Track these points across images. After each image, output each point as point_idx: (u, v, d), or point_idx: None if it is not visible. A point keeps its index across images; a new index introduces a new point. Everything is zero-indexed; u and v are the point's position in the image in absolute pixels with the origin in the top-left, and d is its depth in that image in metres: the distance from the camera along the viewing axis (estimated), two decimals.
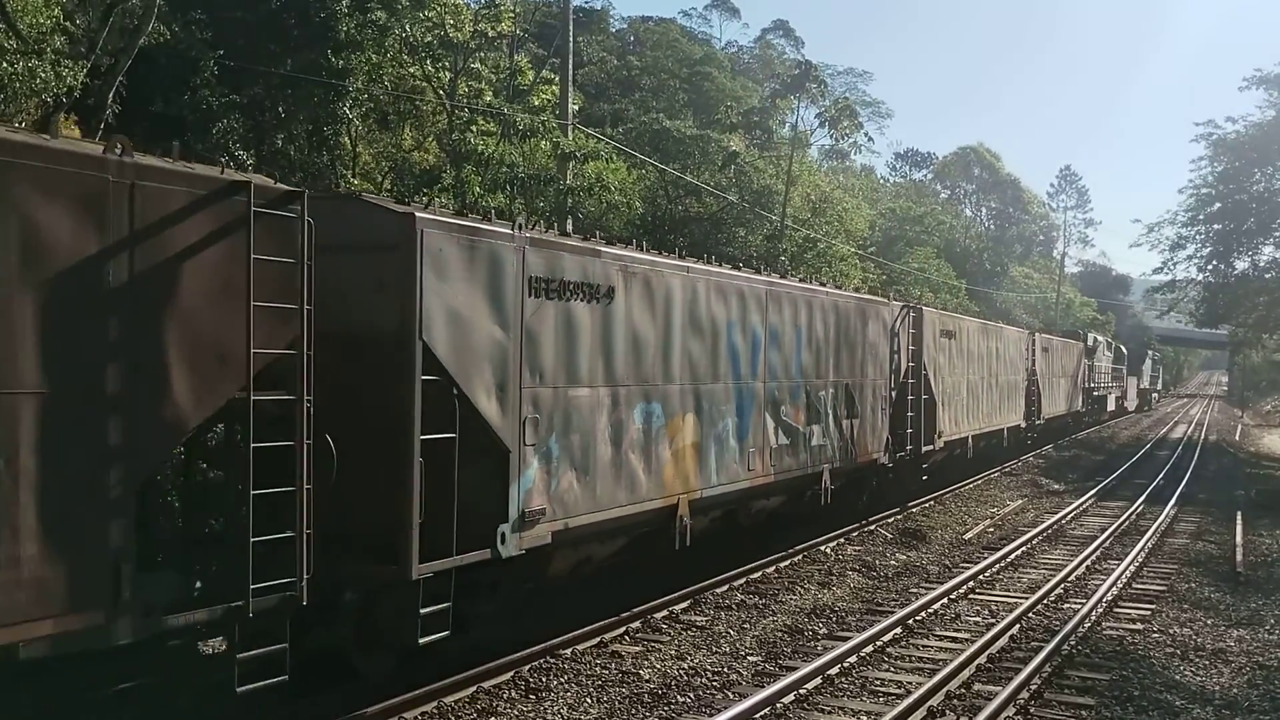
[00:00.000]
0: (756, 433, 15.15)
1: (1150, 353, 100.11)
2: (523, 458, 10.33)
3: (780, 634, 12.46)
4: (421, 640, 9.27)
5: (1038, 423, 36.86)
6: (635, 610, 12.73)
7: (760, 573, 15.60)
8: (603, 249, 11.86)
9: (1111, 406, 62.23)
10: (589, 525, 11.45)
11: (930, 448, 22.93)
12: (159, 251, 7.00)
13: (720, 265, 15.43)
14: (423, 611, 9.20)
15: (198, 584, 7.61)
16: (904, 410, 21.34)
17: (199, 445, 8.48)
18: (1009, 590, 15.29)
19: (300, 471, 7.83)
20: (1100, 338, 59.00)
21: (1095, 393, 53.67)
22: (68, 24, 17.79)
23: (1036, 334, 38.89)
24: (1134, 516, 22.81)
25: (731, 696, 10.10)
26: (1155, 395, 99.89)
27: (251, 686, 7.66)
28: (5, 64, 15.56)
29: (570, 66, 25.39)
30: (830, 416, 17.73)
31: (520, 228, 10.53)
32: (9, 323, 6.25)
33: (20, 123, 14.77)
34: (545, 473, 10.69)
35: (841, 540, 18.68)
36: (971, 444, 27.48)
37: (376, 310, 9.07)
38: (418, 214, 9.28)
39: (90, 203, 6.59)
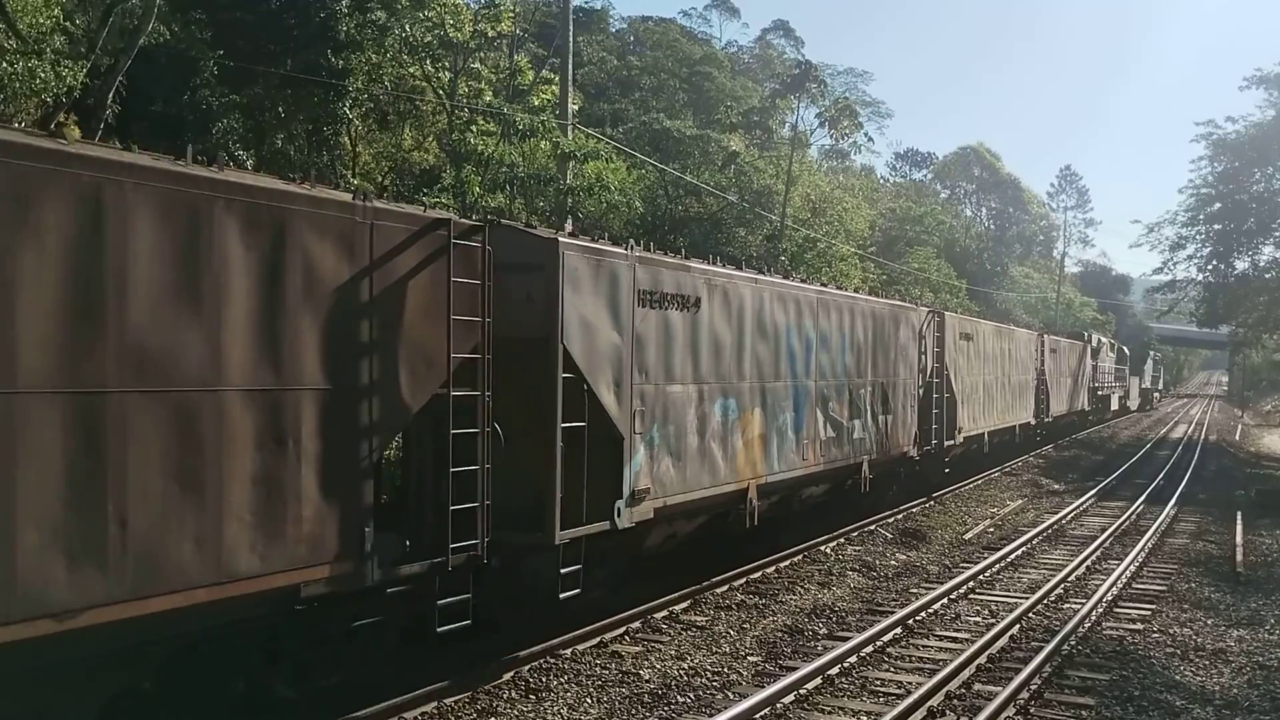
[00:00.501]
0: (809, 426, 16.95)
1: (1152, 353, 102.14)
2: (633, 444, 12.04)
3: (780, 634, 12.46)
4: (561, 595, 10.99)
5: (1046, 420, 38.28)
6: (635, 610, 12.73)
7: (760, 573, 15.60)
8: (692, 265, 13.71)
9: (1115, 406, 64.06)
10: (681, 504, 13.17)
11: (951, 442, 24.67)
12: (390, 276, 8.83)
13: (780, 276, 17.58)
14: (562, 571, 10.95)
15: (407, 543, 9.25)
16: (929, 407, 23.07)
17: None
18: (1009, 590, 15.28)
19: (481, 454, 9.60)
20: (1104, 339, 60.67)
21: (1100, 392, 55.29)
22: (68, 24, 17.81)
23: (1045, 336, 40.31)
24: (1134, 516, 22.80)
25: (731, 696, 10.10)
26: (1156, 395, 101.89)
27: (448, 628, 9.54)
28: (5, 64, 15.57)
29: (570, 66, 25.37)
30: (869, 412, 19.46)
31: (631, 248, 12.34)
32: (299, 334, 8.09)
33: (20, 123, 14.77)
34: (649, 457, 12.41)
35: (841, 540, 18.68)
36: (987, 439, 29.00)
37: (527, 319, 10.70)
38: (560, 239, 11.06)
39: (345, 239, 8.45)
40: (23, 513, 6.36)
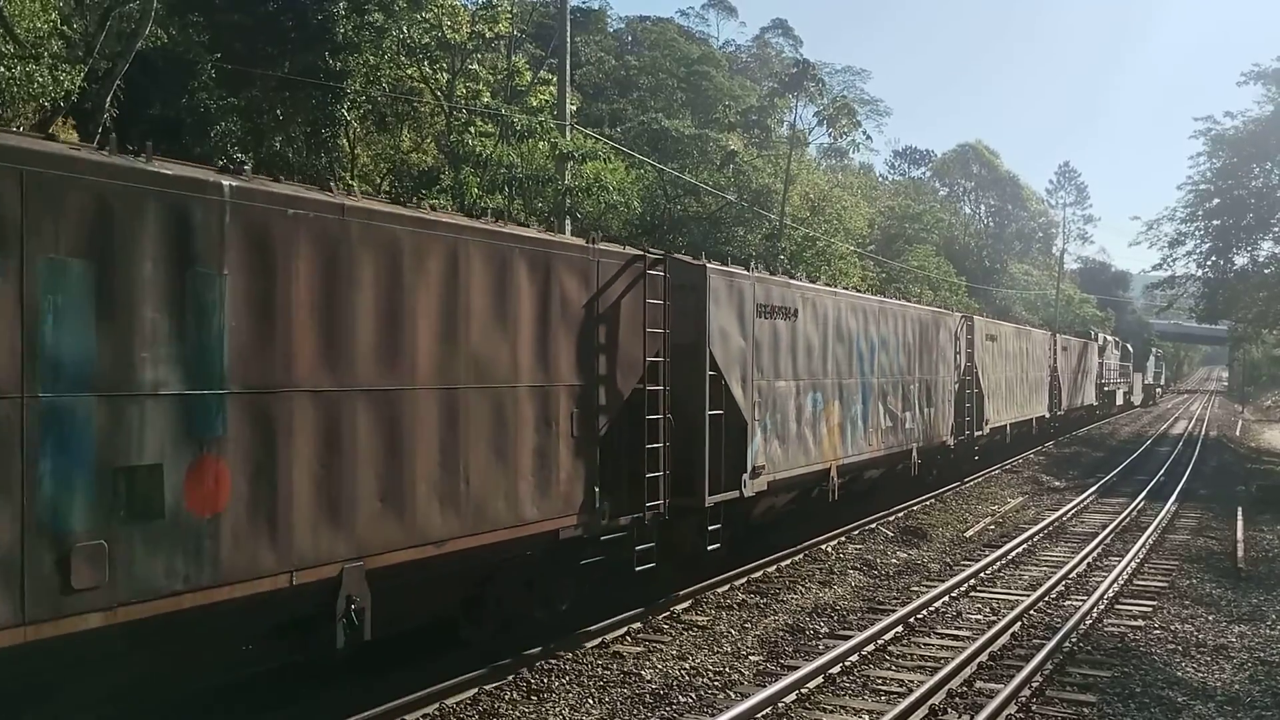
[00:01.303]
0: (873, 417, 19.86)
1: (1154, 350, 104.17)
2: (753, 429, 14.74)
3: (782, 633, 12.46)
4: (709, 548, 13.63)
5: (1059, 414, 41.37)
6: (636, 610, 12.74)
7: (761, 572, 15.61)
8: (793, 282, 16.91)
9: (1120, 401, 66.91)
10: (783, 479, 15.90)
11: (980, 433, 27.82)
12: (608, 298, 11.68)
13: (854, 289, 21.87)
14: (709, 529, 13.52)
15: (607, 503, 11.60)
16: (962, 401, 25.99)
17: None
18: (1010, 588, 15.28)
19: (662, 434, 12.29)
20: (1109, 337, 63.41)
21: (1106, 388, 58.12)
22: (65, 28, 17.80)
23: (1056, 335, 43.10)
24: (1135, 513, 22.81)
25: (733, 696, 10.10)
26: (1159, 390, 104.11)
27: (643, 567, 12.32)
28: (3, 68, 15.57)
29: (568, 66, 25.37)
30: (917, 406, 22.45)
31: (753, 269, 15.68)
32: (559, 344, 10.89)
33: (18, 127, 14.76)
34: (763, 440, 15.15)
35: (842, 539, 18.69)
36: (1009, 431, 31.93)
37: (684, 328, 13.14)
38: (708, 265, 13.88)
39: (582, 272, 11.32)
40: (419, 474, 9.11)
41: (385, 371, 8.85)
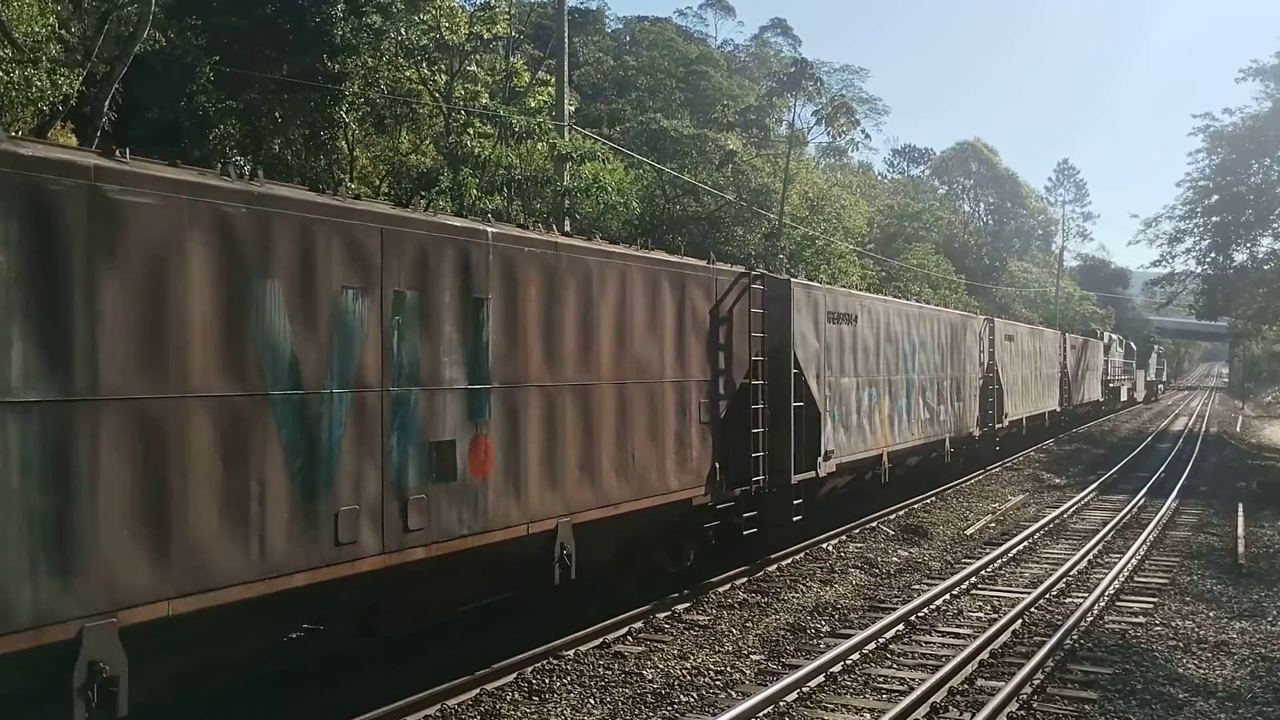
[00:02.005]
0: (915, 409, 22.28)
1: (1155, 348, 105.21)
2: (825, 419, 17.12)
3: (783, 632, 12.46)
4: (794, 519, 15.88)
5: (1068, 408, 43.73)
6: (637, 610, 12.75)
7: (762, 571, 15.61)
8: (854, 292, 19.97)
9: (1124, 397, 69.61)
10: (847, 462, 18.21)
11: (1000, 425, 30.10)
12: (724, 308, 14.05)
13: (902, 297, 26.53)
14: (794, 503, 15.85)
15: (724, 478, 13.91)
16: (986, 396, 28.41)
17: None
18: (1011, 585, 15.28)
19: (761, 422, 14.69)
20: (1114, 336, 66.24)
21: (1111, 384, 60.74)
22: (63, 32, 17.79)
23: (1066, 335, 45.20)
24: (1135, 510, 22.80)
25: (735, 695, 10.10)
26: (1160, 387, 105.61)
27: (749, 532, 14.74)
28: (1, 72, 15.57)
29: (566, 67, 25.38)
30: (949, 400, 24.91)
31: (826, 283, 19.05)
32: (691, 345, 13.23)
33: (17, 131, 14.78)
34: (833, 428, 17.54)
35: (843, 538, 18.69)
36: (1025, 423, 34.14)
37: (774, 333, 15.42)
38: (791, 280, 16.42)
39: (706, 287, 13.72)
40: (603, 450, 11.47)
41: (582, 370, 11.29)
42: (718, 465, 13.76)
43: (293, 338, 7.98)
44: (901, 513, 21.60)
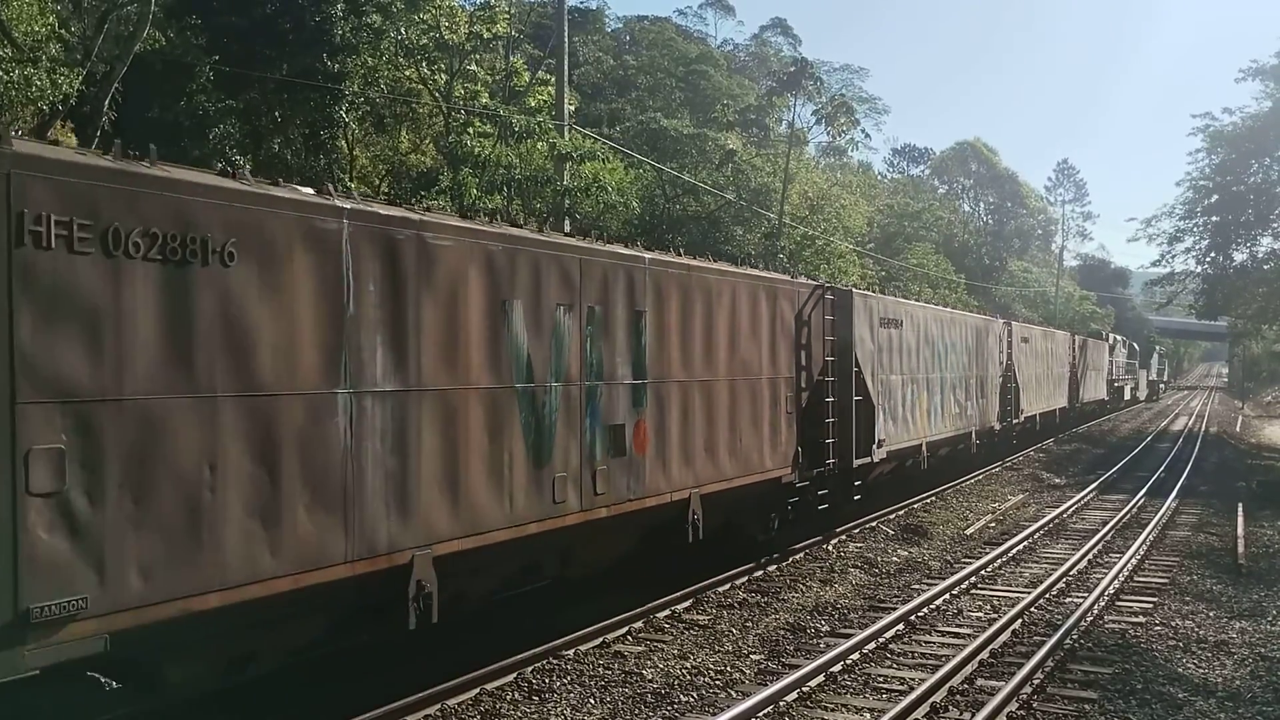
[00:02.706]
0: (947, 405, 24.66)
1: (1157, 349, 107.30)
2: (878, 411, 19.39)
3: (783, 632, 12.46)
4: (854, 498, 18.45)
5: (1078, 406, 46.65)
6: (637, 610, 12.74)
7: (762, 571, 15.61)
8: (900, 300, 23.10)
9: (1128, 395, 72.65)
10: (895, 450, 20.68)
11: (1017, 420, 32.36)
12: (804, 315, 16.42)
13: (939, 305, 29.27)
14: (854, 484, 18.30)
15: (804, 460, 16.34)
16: (1004, 394, 30.72)
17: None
18: (1011, 585, 15.28)
19: (832, 413, 17.12)
20: (1118, 338, 69.06)
21: (1116, 384, 63.89)
22: (63, 31, 17.78)
23: (1076, 335, 48.38)
24: (1135, 509, 22.80)
25: (735, 695, 10.10)
26: (1162, 386, 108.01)
27: (823, 506, 17.19)
28: (1, 72, 15.56)
29: (566, 67, 25.38)
30: (974, 397, 27.28)
31: (879, 293, 21.65)
32: (780, 349, 15.67)
33: (18, 130, 14.75)
34: (883, 420, 19.82)
35: (843, 537, 18.69)
36: (1038, 419, 36.69)
37: (839, 336, 17.76)
38: (853, 290, 18.86)
39: (791, 298, 16.06)
40: (720, 436, 13.89)
41: (706, 369, 13.69)
42: (800, 449, 16.29)
43: (528, 344, 10.47)
44: (901, 512, 21.60)
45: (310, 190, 8.49)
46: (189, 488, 7.20)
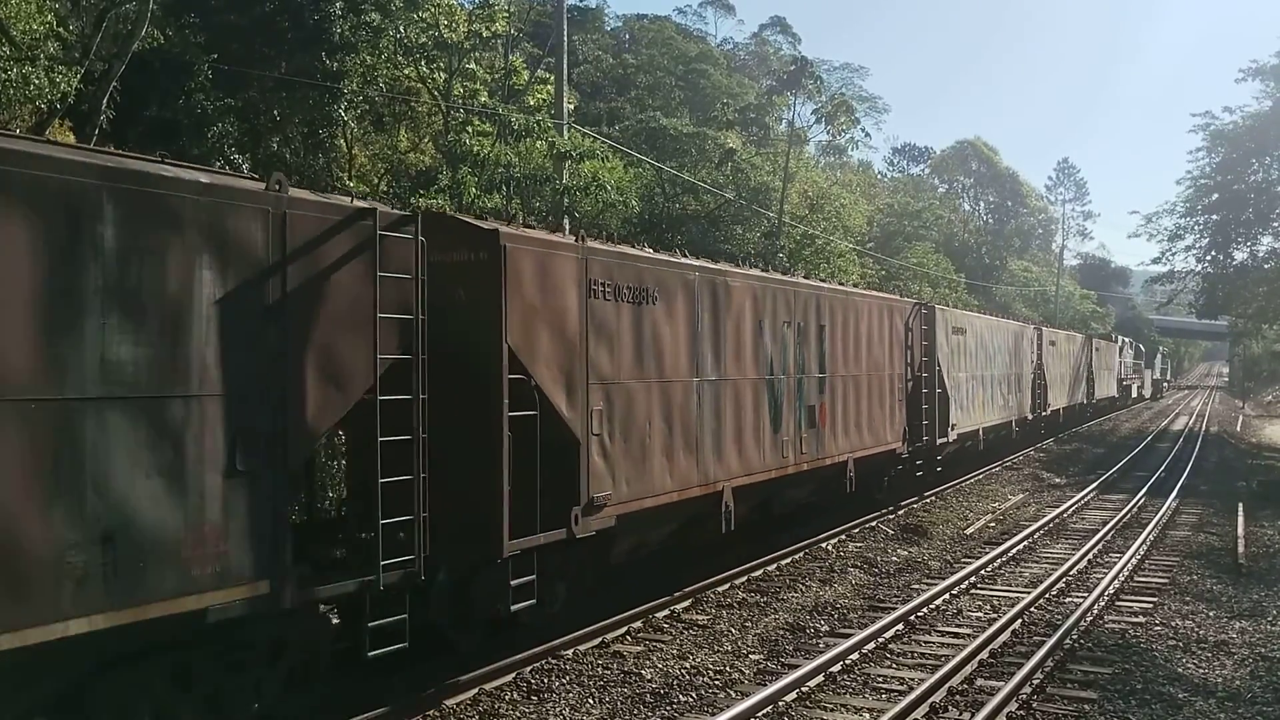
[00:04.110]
0: (995, 397, 29.99)
1: (1160, 349, 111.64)
2: (951, 402, 24.34)
3: (782, 632, 12.44)
4: (937, 469, 23.67)
5: (1093, 402, 52.68)
6: (636, 610, 12.72)
7: (761, 570, 15.59)
8: (965, 313, 29.12)
9: (1134, 393, 78.83)
10: (961, 433, 25.72)
11: (1044, 412, 37.73)
12: (909, 326, 22.07)
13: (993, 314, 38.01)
14: (936, 457, 23.60)
15: (909, 435, 21.90)
16: (1035, 389, 35.79)
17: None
18: (1011, 585, 15.26)
19: (925, 401, 22.57)
20: (1126, 340, 74.61)
21: (1124, 382, 69.53)
22: (61, 30, 17.72)
23: (1092, 338, 54.54)
24: (1135, 509, 22.79)
25: (734, 695, 10.08)
26: (1165, 385, 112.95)
27: (920, 474, 22.91)
28: None
29: (565, 65, 25.32)
30: (1014, 391, 32.50)
31: (946, 307, 26.78)
32: (894, 351, 21.04)
33: (16, 129, 14.71)
34: (954, 408, 24.88)
35: (843, 537, 18.68)
36: (1062, 413, 42.36)
37: (927, 341, 22.96)
38: (936, 306, 24.02)
39: (901, 313, 21.70)
40: (863, 416, 19.08)
41: (856, 366, 18.94)
42: (906, 428, 21.37)
43: (770, 348, 15.64)
44: (901, 512, 21.58)
45: (689, 259, 14.15)
46: (641, 435, 12.34)
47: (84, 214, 6.73)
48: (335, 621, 9.56)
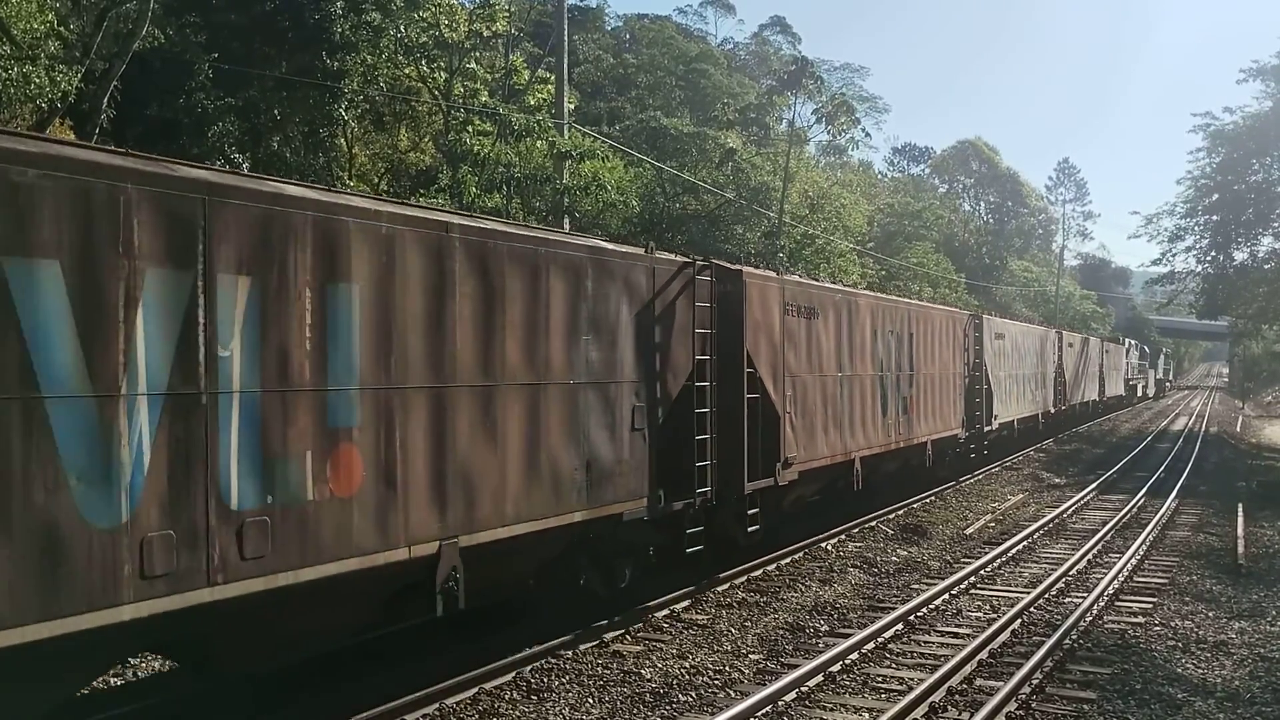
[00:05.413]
0: (1025, 393, 33.83)
1: (1163, 350, 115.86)
2: (993, 396, 28.44)
3: (782, 631, 12.44)
4: (984, 452, 29.28)
5: (1103, 399, 58.05)
6: (636, 609, 12.72)
7: (761, 570, 15.59)
8: (1006, 321, 34.69)
9: (1139, 393, 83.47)
10: (1001, 423, 29.81)
11: (1064, 407, 42.32)
12: (967, 332, 27.34)
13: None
14: (984, 442, 28.78)
15: (965, 420, 27.59)
16: (1056, 387, 40.42)
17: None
18: (1010, 585, 15.26)
19: (976, 395, 27.78)
20: (1131, 341, 79.48)
21: (1130, 381, 74.65)
22: (62, 29, 17.74)
23: (1105, 341, 61.07)
24: (1135, 509, 22.78)
25: (733, 695, 10.08)
26: (1167, 384, 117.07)
27: (973, 457, 28.83)
28: (0, 70, 15.53)
29: (566, 65, 25.35)
30: (1039, 388, 36.66)
31: (990, 315, 32.40)
32: (955, 355, 25.64)
33: (17, 127, 14.72)
34: (996, 401, 28.80)
35: (842, 537, 18.67)
36: (1077, 408, 47.86)
37: (980, 346, 27.61)
38: (985, 315, 30.21)
39: (960, 321, 26.74)
40: (937, 407, 23.72)
41: (930, 364, 22.56)
42: (964, 416, 25.70)
43: (882, 351, 19.80)
44: (900, 512, 21.58)
45: (836, 284, 17.68)
46: (811, 415, 16.61)
47: (579, 274, 11.04)
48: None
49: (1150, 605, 14.11)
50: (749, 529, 14.48)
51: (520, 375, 10.01)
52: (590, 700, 9.85)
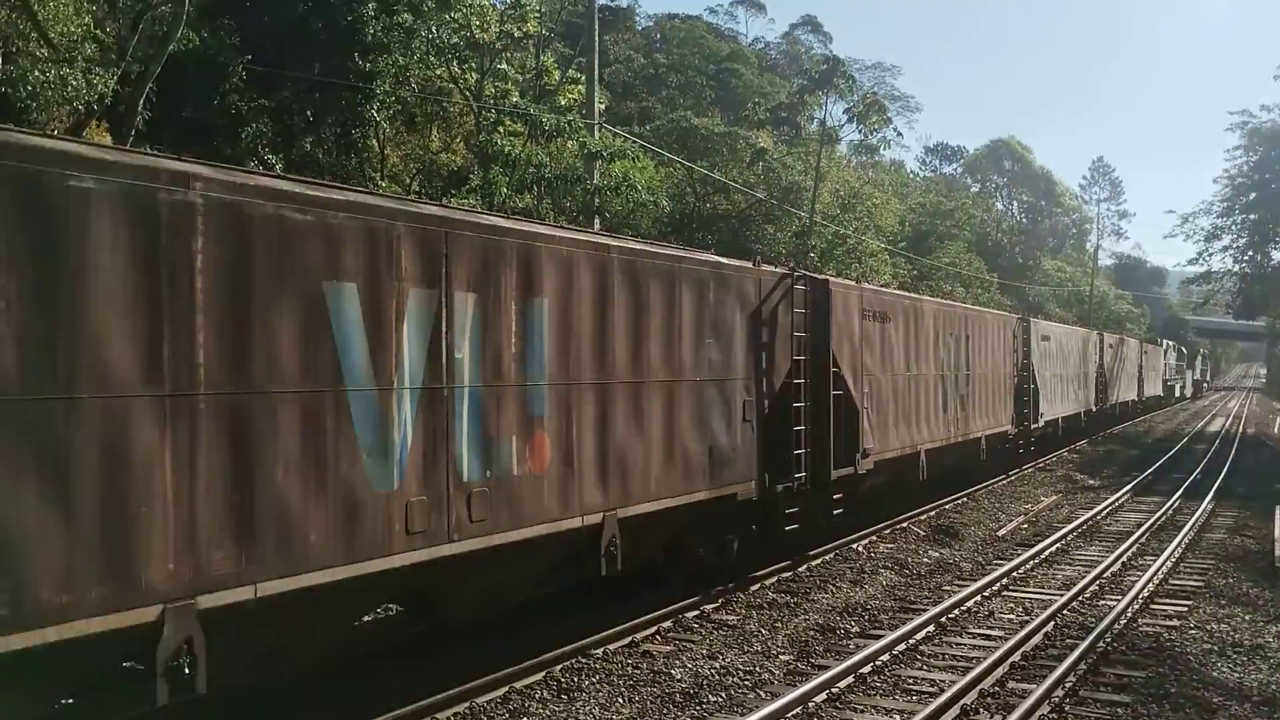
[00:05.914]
0: (1069, 392, 35.71)
1: (1200, 351, 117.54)
2: (1040, 394, 30.31)
3: (812, 632, 12.39)
4: (1031, 448, 30.65)
5: (1142, 399, 59.17)
6: (665, 610, 12.72)
7: (792, 571, 15.54)
8: (1052, 325, 36.41)
9: (1177, 393, 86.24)
10: (1046, 420, 31.69)
11: (1104, 405, 44.32)
12: (1016, 334, 28.91)
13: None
14: (1030, 439, 29.98)
15: (1014, 416, 28.85)
16: (1098, 387, 42.09)
17: None
18: (1043, 587, 15.13)
19: (1024, 395, 29.26)
20: (1169, 343, 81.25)
21: (1169, 382, 76.88)
22: (98, 32, 17.95)
23: (1144, 343, 62.42)
24: (1170, 511, 22.54)
25: (763, 695, 10.05)
26: (1205, 385, 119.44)
27: (1020, 452, 30.27)
28: (38, 72, 15.72)
29: (596, 65, 25.38)
30: (1082, 388, 38.33)
31: (1032, 320, 31.96)
32: (1006, 358, 27.47)
33: (54, 129, 14.92)
34: (1041, 399, 30.50)
35: (874, 538, 18.59)
36: (1117, 407, 49.76)
37: (1028, 347, 29.24)
38: (1030, 319, 31.34)
39: (1010, 325, 28.64)
40: (988, 404, 25.19)
41: (984, 366, 24.29)
42: (1013, 414, 27.04)
43: (943, 352, 21.33)
44: (933, 513, 21.46)
45: (903, 293, 18.03)
46: (884, 410, 17.97)
47: (703, 285, 12.59)
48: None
49: (1186, 608, 13.95)
50: (834, 512, 15.97)
51: (660, 373, 11.73)
52: (620, 700, 9.85)
